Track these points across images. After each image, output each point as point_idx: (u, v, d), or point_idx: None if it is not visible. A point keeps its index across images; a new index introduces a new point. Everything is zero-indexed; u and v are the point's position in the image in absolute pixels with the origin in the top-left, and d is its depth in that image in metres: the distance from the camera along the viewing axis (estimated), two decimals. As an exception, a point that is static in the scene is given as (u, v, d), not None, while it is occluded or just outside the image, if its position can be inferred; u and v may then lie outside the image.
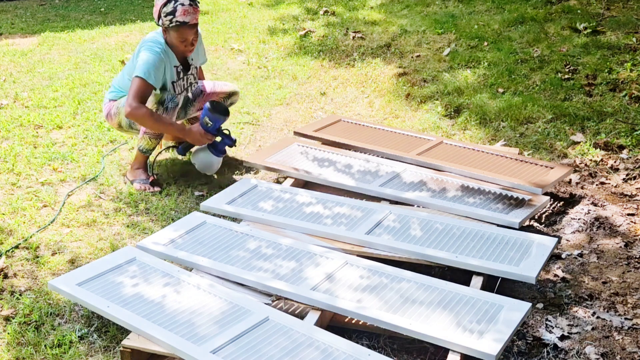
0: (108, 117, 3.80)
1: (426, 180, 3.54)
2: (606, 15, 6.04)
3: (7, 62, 6.01)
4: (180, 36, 3.56)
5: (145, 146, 3.71)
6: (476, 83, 5.08)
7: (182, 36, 3.56)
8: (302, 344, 2.36)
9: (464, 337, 2.35)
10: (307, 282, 2.69)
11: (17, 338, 2.62)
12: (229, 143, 3.72)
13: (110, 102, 3.77)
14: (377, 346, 2.57)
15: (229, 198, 3.38)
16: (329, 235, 3.06)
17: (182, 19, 3.50)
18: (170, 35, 3.57)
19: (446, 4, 7.00)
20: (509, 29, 6.06)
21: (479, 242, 2.94)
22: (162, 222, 3.40)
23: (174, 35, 3.56)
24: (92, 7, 8.42)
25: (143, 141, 3.70)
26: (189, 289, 2.67)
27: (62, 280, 2.72)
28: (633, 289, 2.85)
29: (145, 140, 3.69)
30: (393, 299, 2.57)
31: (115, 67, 5.80)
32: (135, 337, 2.43)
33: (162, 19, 3.51)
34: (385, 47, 5.97)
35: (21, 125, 4.58)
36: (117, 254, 2.92)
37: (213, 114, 3.58)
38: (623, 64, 5.04)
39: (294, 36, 6.43)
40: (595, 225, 3.31)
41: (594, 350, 2.51)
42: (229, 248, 2.97)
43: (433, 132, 4.41)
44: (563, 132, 4.25)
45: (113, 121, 3.78)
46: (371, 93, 5.13)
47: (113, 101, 3.76)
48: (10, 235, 3.29)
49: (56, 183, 3.79)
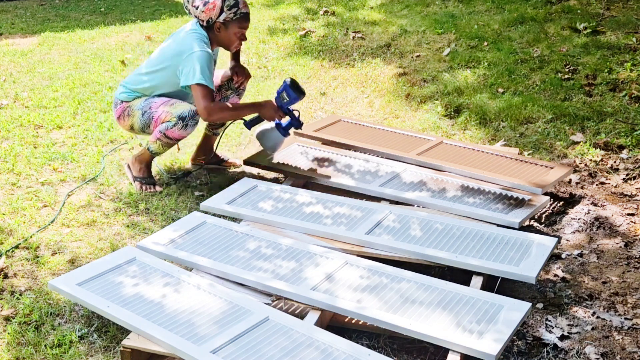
0: (120, 119, 3.70)
1: (426, 180, 3.54)
2: (606, 15, 6.04)
3: (7, 62, 6.02)
4: (241, 28, 3.54)
5: (156, 149, 3.65)
6: (476, 83, 5.08)
7: (243, 28, 3.54)
8: (302, 344, 2.36)
9: (464, 337, 2.35)
10: (307, 282, 2.69)
11: (17, 338, 2.62)
12: (296, 124, 3.67)
13: (123, 103, 3.67)
14: (377, 346, 2.57)
15: (229, 198, 3.38)
16: (329, 235, 3.06)
17: (244, 10, 3.52)
18: (228, 30, 3.52)
19: (446, 4, 7.00)
20: (509, 29, 6.06)
21: (479, 242, 2.94)
22: (162, 222, 3.41)
23: (233, 29, 3.52)
24: (92, 7, 8.43)
25: (155, 145, 3.63)
26: (189, 289, 2.67)
27: (62, 280, 2.72)
28: (633, 289, 2.85)
29: (157, 144, 3.62)
30: (393, 299, 2.57)
31: (115, 67, 5.80)
32: (135, 337, 2.43)
33: (225, 13, 3.46)
34: (385, 47, 5.97)
35: (21, 125, 4.58)
36: (117, 254, 2.92)
37: (291, 91, 3.53)
38: (623, 64, 5.04)
39: (294, 36, 6.43)
40: (595, 225, 3.31)
41: (594, 350, 2.51)
42: (229, 248, 2.97)
43: (433, 132, 4.41)
44: (563, 132, 4.25)
45: (125, 123, 3.70)
46: (371, 93, 5.13)
47: (126, 102, 3.66)
48: (10, 235, 3.29)
49: (56, 183, 3.79)
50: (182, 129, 3.53)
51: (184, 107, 3.53)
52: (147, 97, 3.64)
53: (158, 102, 3.59)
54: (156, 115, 3.57)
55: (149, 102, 3.61)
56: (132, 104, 3.65)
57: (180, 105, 3.54)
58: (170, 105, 3.56)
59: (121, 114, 3.69)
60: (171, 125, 3.53)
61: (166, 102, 3.58)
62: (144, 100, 3.63)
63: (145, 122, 3.61)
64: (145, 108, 3.60)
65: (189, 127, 3.54)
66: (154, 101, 3.60)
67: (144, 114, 3.60)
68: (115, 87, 5.30)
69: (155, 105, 3.59)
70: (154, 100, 3.60)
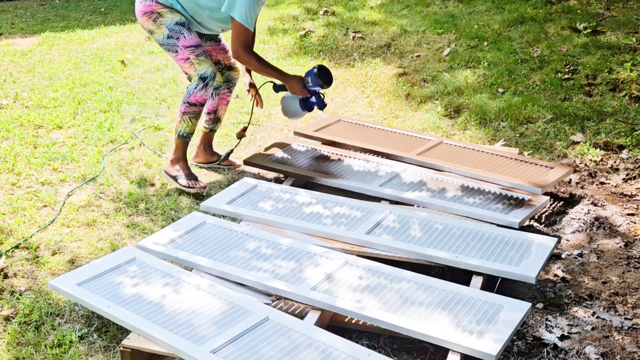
0: (144, 16, 3.53)
1: (426, 180, 3.54)
2: (606, 15, 6.04)
3: (7, 62, 6.02)
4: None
5: (186, 129, 3.64)
6: (476, 83, 5.08)
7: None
8: (302, 344, 2.36)
9: (464, 337, 2.35)
10: (306, 282, 2.69)
11: (17, 338, 2.62)
12: (319, 105, 3.68)
13: (154, 3, 3.49)
14: (377, 346, 2.57)
15: (229, 198, 3.38)
16: (328, 235, 3.06)
17: None
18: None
19: (446, 4, 7.00)
20: (509, 29, 6.06)
21: (479, 242, 2.94)
22: (162, 222, 3.41)
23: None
24: (92, 7, 8.43)
25: (183, 124, 3.62)
26: (189, 289, 2.67)
27: (62, 280, 2.72)
28: (633, 289, 2.85)
29: (185, 122, 3.61)
30: (393, 299, 2.57)
31: (115, 67, 5.80)
32: (135, 337, 2.43)
33: None
34: (385, 47, 5.97)
35: (21, 125, 4.58)
36: (117, 254, 2.92)
37: (316, 79, 3.56)
38: (623, 64, 5.04)
39: (294, 36, 6.43)
40: (595, 225, 3.31)
41: (593, 350, 2.51)
42: (229, 248, 2.97)
43: (433, 132, 4.41)
44: (563, 132, 4.25)
45: (147, 24, 3.55)
46: (371, 93, 5.13)
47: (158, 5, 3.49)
48: (10, 235, 3.29)
49: (56, 183, 3.79)
50: (203, 89, 3.56)
51: (207, 66, 3.54)
52: (181, 17, 3.52)
53: (187, 40, 3.52)
54: (181, 53, 3.53)
55: (180, 31, 3.51)
56: (165, 15, 3.51)
57: (204, 62, 3.54)
58: (195, 55, 3.53)
59: (147, 13, 3.53)
60: (192, 87, 3.55)
61: (194, 46, 3.53)
62: (175, 22, 3.51)
63: (167, 45, 3.55)
64: (174, 34, 3.51)
65: (209, 87, 3.58)
66: (185, 34, 3.51)
67: (169, 37, 3.51)
68: (115, 87, 5.30)
69: (184, 40, 3.51)
70: (184, 33, 3.51)
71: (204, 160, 4.00)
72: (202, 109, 3.65)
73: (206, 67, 3.55)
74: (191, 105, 3.59)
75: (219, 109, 3.91)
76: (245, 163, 3.84)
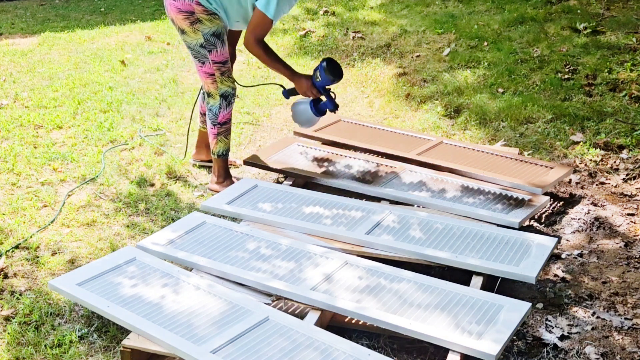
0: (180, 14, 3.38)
1: (426, 180, 3.54)
2: (606, 15, 6.04)
3: (7, 62, 6.02)
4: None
5: (223, 148, 3.64)
6: (476, 83, 5.08)
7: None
8: (302, 344, 2.36)
9: (464, 337, 2.35)
10: (306, 282, 2.69)
11: (17, 338, 2.62)
12: (331, 107, 3.57)
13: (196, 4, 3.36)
14: (377, 346, 2.57)
15: (229, 198, 3.38)
16: (328, 235, 3.06)
17: None
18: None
19: (446, 4, 7.00)
20: (509, 29, 6.06)
21: (479, 242, 2.93)
22: (162, 222, 3.41)
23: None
24: (92, 7, 8.42)
25: (219, 144, 3.62)
26: (189, 289, 2.67)
27: (62, 280, 2.72)
28: (633, 289, 2.85)
29: (221, 142, 3.62)
30: (393, 299, 2.57)
31: (115, 67, 5.80)
32: (135, 337, 2.43)
33: None
34: (385, 47, 5.97)
35: (21, 125, 4.58)
36: (117, 254, 2.92)
37: (325, 73, 3.44)
38: (623, 64, 5.04)
39: (294, 36, 6.43)
40: (595, 225, 3.31)
41: (593, 350, 2.51)
42: (229, 248, 2.97)
43: (433, 132, 4.41)
44: (563, 132, 4.25)
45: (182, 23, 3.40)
46: (371, 93, 5.13)
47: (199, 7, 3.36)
48: (10, 235, 3.29)
49: (56, 183, 3.79)
50: (227, 106, 3.57)
51: (228, 84, 3.54)
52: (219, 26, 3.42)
53: (219, 55, 3.46)
54: (207, 67, 3.47)
55: (215, 43, 3.44)
56: (204, 23, 3.38)
57: (227, 81, 3.53)
58: (221, 73, 3.50)
59: (185, 12, 3.38)
60: (217, 108, 3.56)
61: (222, 63, 3.49)
62: (213, 32, 3.41)
63: (197, 52, 3.46)
64: (208, 46, 3.43)
65: (231, 103, 3.60)
66: (218, 48, 3.45)
67: (202, 47, 3.43)
68: (115, 87, 5.30)
69: (215, 55, 3.45)
70: (218, 46, 3.45)
71: (205, 158, 4.01)
72: (231, 124, 3.67)
73: (228, 85, 3.55)
74: (222, 125, 3.61)
75: None
76: (245, 163, 3.84)
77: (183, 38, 3.49)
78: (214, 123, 3.60)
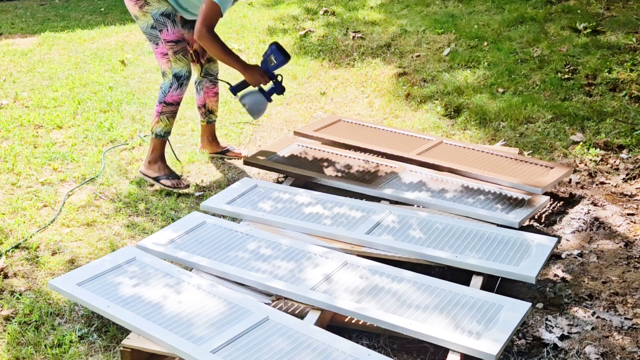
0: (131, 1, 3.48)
1: (426, 180, 3.54)
2: (606, 15, 6.04)
3: (7, 62, 6.02)
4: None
5: (163, 129, 3.64)
6: (476, 83, 5.08)
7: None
8: (302, 344, 2.36)
9: (464, 337, 2.35)
10: (306, 282, 2.69)
11: (17, 338, 2.62)
12: (278, 91, 3.63)
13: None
14: (377, 346, 2.57)
15: (229, 198, 3.38)
16: (328, 235, 3.06)
17: None
18: None
19: (446, 4, 7.00)
20: (509, 29, 6.06)
21: (479, 242, 2.93)
22: (162, 222, 3.41)
23: None
24: (92, 7, 8.42)
25: (160, 124, 3.62)
26: (189, 289, 2.67)
27: (62, 280, 2.72)
28: (633, 289, 2.85)
29: (162, 122, 3.61)
30: (393, 299, 2.57)
31: (115, 67, 5.80)
32: (135, 337, 2.43)
33: None
34: (385, 47, 5.97)
35: (21, 125, 4.58)
36: (117, 254, 2.92)
37: (279, 54, 3.51)
38: (623, 64, 5.04)
39: (294, 36, 6.43)
40: (595, 225, 3.31)
41: (593, 350, 2.51)
42: (229, 248, 2.97)
43: (433, 132, 4.41)
44: (563, 132, 4.25)
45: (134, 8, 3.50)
46: (371, 93, 5.13)
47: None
48: (10, 235, 3.29)
49: (56, 183, 3.79)
50: (178, 88, 3.57)
51: (183, 64, 3.55)
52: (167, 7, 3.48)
53: (170, 34, 3.50)
54: (161, 47, 3.52)
55: (165, 23, 3.48)
56: (151, 4, 3.47)
57: (181, 61, 3.54)
58: (174, 52, 3.52)
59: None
60: (167, 86, 3.56)
61: (175, 42, 3.51)
62: (162, 12, 3.47)
63: (149, 34, 3.54)
64: (158, 25, 3.49)
65: (183, 86, 3.59)
66: (168, 27, 3.49)
67: (153, 27, 3.49)
68: (115, 87, 5.30)
69: (166, 33, 3.50)
70: (168, 25, 3.49)
71: (211, 150, 4.08)
72: (178, 108, 3.66)
73: (182, 65, 3.56)
74: (168, 105, 3.60)
75: (208, 102, 3.96)
76: (245, 163, 3.84)
77: (139, 25, 3.56)
78: (160, 101, 3.61)
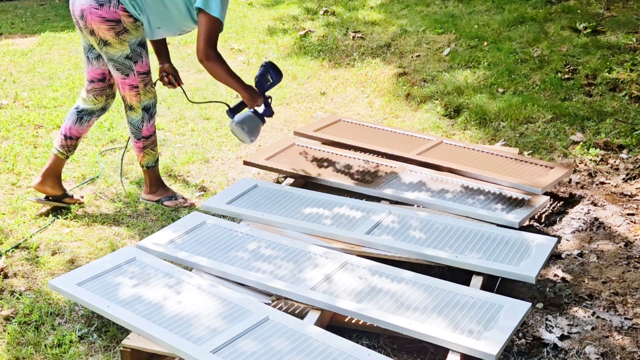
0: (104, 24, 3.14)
1: (426, 180, 3.54)
2: (606, 15, 6.04)
3: (7, 62, 6.02)
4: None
5: (152, 160, 3.51)
6: (476, 83, 5.08)
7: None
8: (302, 344, 2.36)
9: (464, 337, 2.35)
10: (306, 282, 2.69)
11: (17, 338, 2.62)
12: (268, 113, 3.46)
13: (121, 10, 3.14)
14: (377, 346, 2.57)
15: (229, 198, 3.38)
16: (328, 235, 3.06)
17: None
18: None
19: (446, 4, 7.00)
20: (509, 29, 6.06)
21: (479, 242, 2.93)
22: (162, 222, 3.41)
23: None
24: (92, 7, 8.42)
25: (147, 157, 3.48)
26: (189, 289, 2.67)
27: (62, 280, 2.72)
28: (633, 289, 2.85)
29: (148, 155, 3.48)
30: (393, 299, 2.57)
31: (115, 67, 5.80)
32: (135, 337, 2.43)
33: None
34: (385, 47, 5.97)
35: (21, 125, 4.58)
36: (117, 254, 2.92)
37: (274, 73, 3.36)
38: (623, 64, 5.04)
39: (294, 36, 6.43)
40: (595, 225, 3.31)
41: (593, 350, 2.51)
42: (229, 248, 2.97)
43: (433, 132, 4.41)
44: (563, 132, 4.25)
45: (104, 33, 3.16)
46: (371, 93, 5.13)
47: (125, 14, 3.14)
48: (10, 235, 3.29)
49: (56, 183, 3.79)
50: (150, 119, 3.42)
51: (151, 96, 3.38)
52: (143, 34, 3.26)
53: (143, 65, 3.30)
54: (131, 79, 3.28)
55: (141, 54, 3.27)
56: (131, 32, 3.19)
57: (149, 92, 3.36)
58: (144, 84, 3.33)
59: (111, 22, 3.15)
60: (138, 122, 3.38)
61: (146, 73, 3.32)
62: (139, 42, 3.24)
63: (121, 64, 3.25)
64: (134, 56, 3.24)
65: (154, 115, 3.43)
66: (143, 58, 3.28)
67: (128, 58, 3.23)
68: (115, 87, 5.30)
69: (140, 65, 3.28)
70: (143, 56, 3.28)
71: (51, 192, 3.47)
72: (156, 136, 3.50)
73: (150, 97, 3.39)
74: (147, 138, 3.45)
75: (83, 136, 3.53)
76: (245, 163, 3.84)
77: (105, 50, 3.22)
78: (138, 137, 3.43)
